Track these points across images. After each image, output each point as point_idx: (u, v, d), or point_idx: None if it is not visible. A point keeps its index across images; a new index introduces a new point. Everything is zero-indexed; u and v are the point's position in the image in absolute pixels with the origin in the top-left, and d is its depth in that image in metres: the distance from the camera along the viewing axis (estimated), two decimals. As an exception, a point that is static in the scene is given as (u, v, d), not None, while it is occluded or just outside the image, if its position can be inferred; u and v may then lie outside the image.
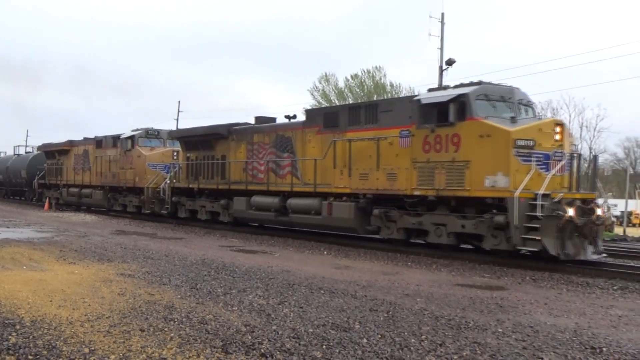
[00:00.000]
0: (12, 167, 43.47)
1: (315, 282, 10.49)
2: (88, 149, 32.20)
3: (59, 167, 35.60)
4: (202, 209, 23.37)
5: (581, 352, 6.34)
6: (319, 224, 18.11)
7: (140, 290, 9.15)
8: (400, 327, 7.21)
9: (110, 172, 29.52)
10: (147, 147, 27.62)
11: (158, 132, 28.59)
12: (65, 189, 34.45)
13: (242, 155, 21.44)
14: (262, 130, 21.08)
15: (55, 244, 15.56)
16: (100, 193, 30.69)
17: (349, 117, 17.09)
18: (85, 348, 5.88)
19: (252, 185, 20.66)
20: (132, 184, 27.70)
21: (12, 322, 6.86)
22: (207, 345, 6.12)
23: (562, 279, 11.75)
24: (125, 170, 28.11)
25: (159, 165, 26.87)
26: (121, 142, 28.58)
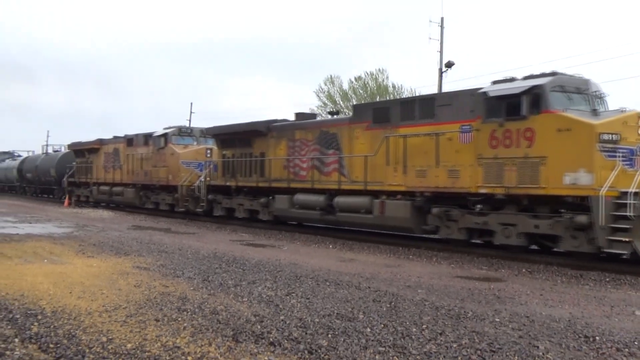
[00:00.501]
0: (41, 165, 42.15)
1: (321, 274, 10.50)
2: (118, 148, 30.83)
3: (89, 166, 34.13)
4: (239, 207, 22.02)
5: (575, 340, 6.33)
6: (369, 223, 16.50)
7: (155, 282, 9.18)
8: (402, 317, 7.21)
9: (142, 170, 28.12)
10: (180, 145, 26.20)
11: (191, 129, 27.46)
12: (96, 187, 33.11)
13: (283, 152, 19.97)
14: (305, 126, 19.66)
15: (74, 239, 15.62)
16: (131, 191, 29.26)
17: (401, 112, 15.68)
18: (103, 337, 5.91)
19: (294, 182, 19.16)
20: (165, 182, 26.28)
21: (34, 313, 6.90)
22: (219, 334, 6.14)
23: (557, 271, 11.70)
24: (158, 168, 26.68)
25: (193, 163, 25.40)
26: (153, 140, 27.18)
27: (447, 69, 33.51)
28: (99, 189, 32.73)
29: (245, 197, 21.85)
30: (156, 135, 27.16)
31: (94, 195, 33.50)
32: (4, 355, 5.25)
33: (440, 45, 34.35)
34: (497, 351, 5.77)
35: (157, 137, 26.98)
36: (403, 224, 15.51)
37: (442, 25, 34.55)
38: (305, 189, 18.72)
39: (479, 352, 5.73)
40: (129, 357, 5.30)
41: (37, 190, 44.92)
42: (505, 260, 13.01)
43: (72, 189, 36.40)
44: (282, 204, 19.44)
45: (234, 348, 5.66)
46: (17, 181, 48.01)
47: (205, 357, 5.35)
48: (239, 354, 5.46)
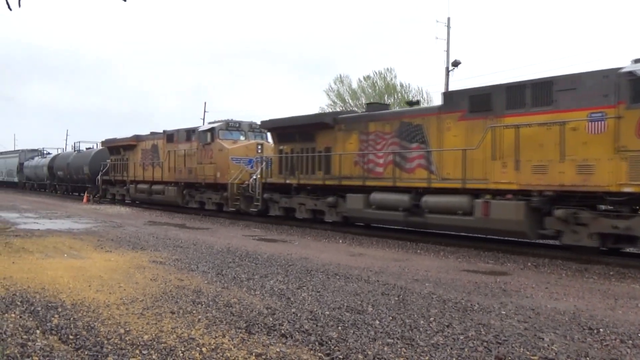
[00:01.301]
0: (73, 163, 39.99)
1: (331, 268, 10.50)
2: (157, 144, 28.60)
3: (125, 163, 31.94)
4: (300, 207, 19.60)
5: (579, 332, 6.29)
6: (469, 226, 14.05)
7: (171, 276, 9.22)
8: (410, 309, 7.20)
9: (185, 167, 25.77)
10: (229, 140, 23.82)
11: (239, 123, 24.75)
12: (133, 185, 30.69)
13: (354, 147, 17.65)
14: (381, 117, 17.13)
15: (93, 234, 15.73)
16: (173, 189, 26.82)
17: (507, 98, 13.25)
18: (121, 329, 5.95)
19: (370, 180, 16.84)
20: (212, 179, 23.86)
21: (55, 305, 6.96)
22: (232, 326, 6.16)
23: (561, 265, 11.64)
24: (204, 165, 24.34)
25: (243, 159, 23.22)
26: (198, 135, 24.86)
27: (454, 67, 33.44)
28: (136, 187, 30.47)
29: (308, 197, 19.40)
30: (202, 130, 24.92)
31: (130, 194, 31.34)
32: (26, 346, 5.31)
33: (447, 45, 34.28)
34: (503, 343, 5.75)
35: (202, 132, 24.69)
36: (514, 228, 12.97)
37: (448, 25, 34.46)
38: (383, 187, 16.37)
39: (485, 343, 5.71)
40: (146, 348, 5.33)
41: (69, 188, 42.78)
42: (511, 255, 12.96)
43: (106, 187, 34.54)
44: (355, 204, 16.99)
45: (247, 339, 5.68)
46: (48, 179, 46.22)
47: (219, 348, 5.37)
48: (251, 345, 5.47)
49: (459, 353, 5.38)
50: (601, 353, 5.53)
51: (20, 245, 12.67)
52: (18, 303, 7.07)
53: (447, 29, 34.41)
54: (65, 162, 41.59)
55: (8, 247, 12.44)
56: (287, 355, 5.22)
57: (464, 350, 5.47)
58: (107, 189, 34.36)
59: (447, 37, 34.33)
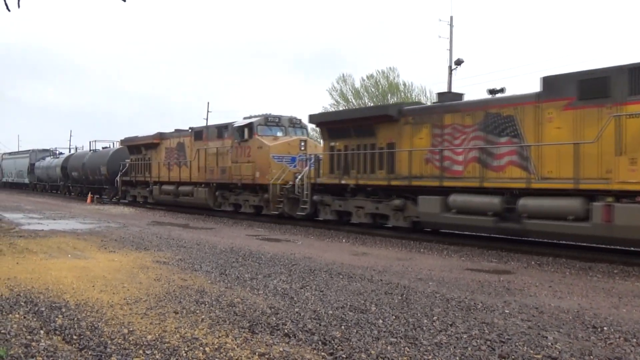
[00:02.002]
0: (89, 163, 37.61)
1: (335, 267, 10.50)
2: (184, 142, 26.68)
3: (146, 163, 29.96)
4: (358, 211, 17.48)
5: (583, 331, 6.28)
6: (584, 234, 11.94)
7: (174, 276, 9.23)
8: (413, 308, 7.19)
9: (217, 166, 23.72)
10: (269, 136, 21.73)
11: (279, 118, 22.60)
12: (157, 186, 28.67)
13: (424, 142, 15.58)
14: (461, 108, 14.98)
15: (96, 234, 15.76)
16: (204, 191, 24.61)
17: (632, 82, 11.30)
18: (125, 329, 5.95)
19: (448, 180, 14.73)
20: (250, 180, 21.78)
21: (59, 305, 6.97)
22: (236, 326, 6.16)
23: (565, 263, 11.61)
24: (240, 165, 22.23)
25: (285, 157, 21.02)
26: (233, 132, 22.77)
27: (457, 66, 33.41)
28: (160, 188, 28.39)
29: (367, 199, 17.25)
30: (237, 125, 22.67)
31: (154, 196, 29.26)
32: (30, 346, 5.32)
33: (450, 44, 34.23)
34: (507, 342, 5.74)
35: (238, 128, 22.49)
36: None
37: (451, 23, 34.40)
38: (465, 188, 14.21)
39: (488, 342, 5.70)
40: (149, 348, 5.33)
41: (84, 189, 39.99)
42: (515, 253, 12.94)
43: (126, 189, 32.60)
44: (430, 207, 14.80)
45: (250, 339, 5.68)
46: (61, 180, 44.12)
47: (223, 347, 5.38)
48: (255, 345, 5.47)
49: (462, 352, 5.37)
50: (605, 352, 5.51)
51: (24, 246, 12.70)
52: (22, 303, 7.08)
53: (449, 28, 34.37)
54: (80, 163, 39.42)
55: (12, 247, 12.47)
56: (291, 354, 5.22)
57: (467, 349, 5.46)
58: (127, 190, 32.55)
59: (449, 35, 34.29)
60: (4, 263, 10.26)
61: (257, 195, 21.95)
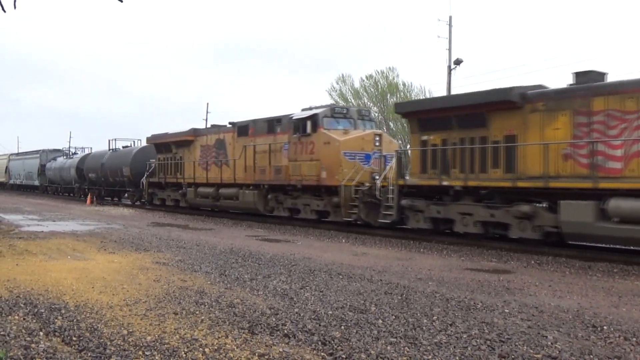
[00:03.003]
0: (108, 163, 34.43)
1: (334, 268, 10.50)
2: (224, 138, 23.86)
3: (178, 162, 27.30)
4: (464, 219, 14.40)
5: (583, 330, 6.28)
6: None
7: (174, 277, 9.22)
8: (413, 308, 7.19)
9: (270, 165, 20.70)
10: (338, 130, 18.63)
11: (347, 109, 19.85)
12: (192, 188, 25.85)
13: (562, 134, 12.77)
14: (619, 89, 12.04)
15: (96, 236, 15.75)
16: (252, 194, 21.59)
17: None
18: (124, 330, 5.95)
19: (604, 181, 11.79)
20: (314, 180, 18.67)
21: (58, 307, 6.97)
22: (235, 326, 6.16)
23: (565, 262, 11.62)
24: (300, 163, 19.21)
25: (359, 154, 17.98)
26: (292, 125, 19.64)
27: (456, 66, 33.43)
28: (196, 191, 25.58)
29: (478, 204, 14.25)
30: (297, 118, 19.55)
31: (187, 199, 26.47)
32: (29, 348, 5.31)
33: (449, 43, 34.24)
34: (507, 341, 5.74)
35: (298, 121, 19.42)
36: None
37: (450, 23, 34.42)
38: (633, 190, 11.29)
39: (488, 342, 5.69)
40: (149, 349, 5.33)
41: (103, 192, 37.14)
42: (515, 253, 12.94)
43: (153, 191, 29.74)
44: (579, 215, 11.82)
45: (250, 340, 5.67)
46: (76, 182, 40.68)
47: (222, 348, 5.37)
48: (254, 346, 5.47)
49: (462, 352, 5.37)
50: (605, 351, 5.51)
51: (23, 247, 12.70)
52: (22, 305, 7.07)
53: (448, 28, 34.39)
54: (98, 163, 36.03)
55: (12, 249, 12.47)
56: (290, 355, 5.22)
57: (467, 349, 5.46)
58: (153, 192, 29.71)
59: (449, 35, 34.31)
60: (3, 264, 10.26)
61: (322, 199, 18.77)
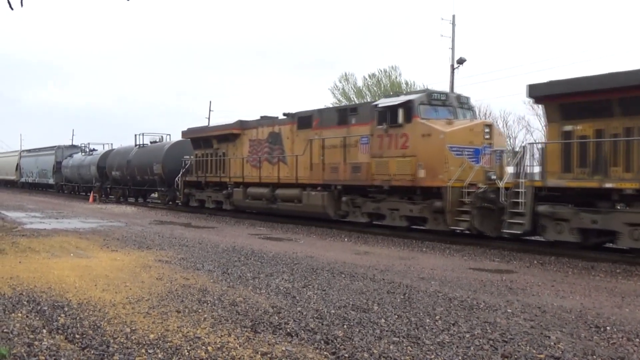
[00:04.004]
0: (136, 160, 31.31)
1: (337, 266, 10.50)
2: (280, 131, 20.74)
3: (220, 159, 24.13)
4: (635, 231, 11.25)
5: (586, 330, 6.27)
6: None
7: (177, 275, 9.23)
8: (415, 308, 7.19)
9: (345, 162, 17.54)
10: (439, 120, 15.53)
11: (445, 95, 16.51)
12: (239, 188, 22.60)
13: None
14: None
15: (99, 233, 15.77)
16: (320, 196, 18.37)
17: None
18: (127, 328, 5.96)
19: None
20: (407, 180, 15.56)
21: (61, 305, 6.98)
22: (238, 325, 6.17)
23: (568, 262, 11.59)
24: (387, 160, 16.11)
25: (467, 149, 14.89)
26: (379, 114, 16.48)
27: (459, 65, 33.38)
28: (245, 191, 22.31)
29: None
30: (384, 105, 16.49)
31: (233, 201, 23.22)
32: (32, 346, 5.32)
33: (452, 42, 34.16)
34: (509, 341, 5.73)
35: (385, 110, 16.33)
36: None
37: (453, 22, 34.35)
38: None
39: (491, 342, 5.69)
40: (152, 347, 5.34)
41: (129, 192, 34.09)
42: (517, 253, 12.92)
43: (190, 191, 26.52)
44: None
45: (252, 338, 5.68)
46: (97, 181, 37.30)
47: (225, 347, 5.38)
48: (257, 344, 5.47)
49: (464, 351, 5.36)
50: (608, 351, 5.50)
51: (26, 245, 12.72)
52: (25, 302, 7.09)
53: (452, 27, 34.32)
54: (123, 160, 32.86)
55: (15, 246, 12.49)
56: (293, 354, 5.22)
57: (470, 349, 5.45)
58: (190, 193, 26.53)
59: (452, 34, 34.23)
60: (6, 262, 10.28)
61: (416, 203, 15.73)
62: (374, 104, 17.05)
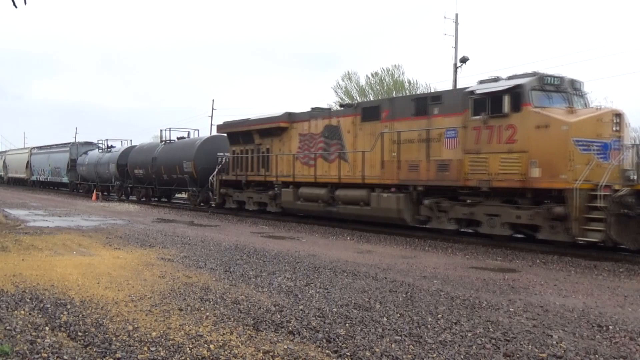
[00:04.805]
0: (163, 157, 28.74)
1: (339, 265, 10.50)
2: (338, 124, 18.37)
3: (263, 156, 21.80)
4: None
5: (589, 329, 6.26)
6: None
7: (179, 273, 9.24)
8: (418, 306, 7.19)
9: (427, 160, 15.17)
10: (557, 109, 12.97)
11: (560, 80, 13.60)
12: (290, 189, 20.06)
13: None
14: None
15: (102, 231, 15.79)
16: (395, 198, 15.96)
17: None
18: (129, 326, 5.97)
19: None
20: (517, 181, 12.96)
21: (64, 302, 7.00)
22: (240, 323, 6.17)
23: (570, 262, 11.57)
24: (488, 156, 13.58)
25: (595, 143, 12.33)
26: (475, 103, 13.93)
27: (462, 64, 33.30)
28: (296, 192, 19.79)
29: None
30: (483, 92, 13.84)
31: (282, 202, 20.58)
32: (35, 343, 5.34)
33: (455, 41, 34.08)
34: (512, 340, 5.73)
35: (486, 96, 13.75)
36: None
37: (456, 21, 34.28)
38: None
39: (493, 341, 5.69)
40: (154, 344, 5.35)
41: (152, 192, 31.28)
42: (520, 252, 12.90)
43: (226, 191, 23.90)
44: None
45: (254, 336, 5.68)
46: (117, 180, 34.78)
47: (227, 345, 5.38)
48: (259, 343, 5.48)
49: (467, 350, 5.36)
50: (610, 350, 5.49)
51: (29, 243, 12.75)
52: (27, 300, 7.11)
53: (455, 25, 34.26)
54: (148, 157, 30.18)
55: (18, 244, 12.52)
56: (295, 352, 5.22)
57: (472, 348, 5.45)
58: (227, 193, 23.97)
59: (455, 33, 34.14)
60: (9, 260, 10.31)
61: (524, 208, 13.25)
62: (468, 90, 14.34)
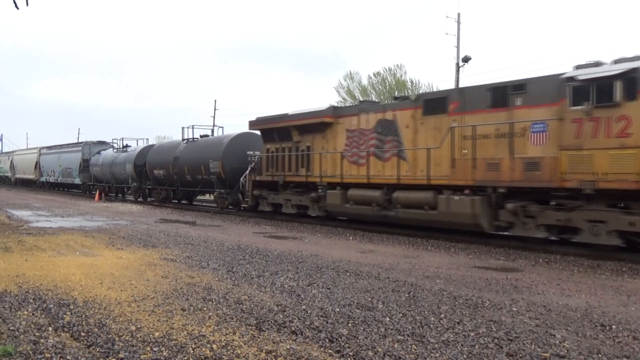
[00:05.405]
0: (186, 157, 26.94)
1: (342, 265, 10.50)
2: (394, 118, 16.48)
3: (303, 154, 19.83)
4: None
5: (592, 329, 6.25)
6: None
7: (182, 273, 9.25)
8: (420, 306, 7.18)
9: (510, 157, 13.24)
10: None
11: None
12: (336, 190, 18.08)
13: None
14: None
15: (104, 232, 15.82)
16: (470, 202, 14.04)
17: None
18: (132, 326, 5.98)
19: None
20: (630, 182, 11.22)
21: (67, 303, 7.01)
22: (243, 323, 6.17)
23: (573, 261, 11.56)
24: (592, 153, 11.81)
25: None
26: (575, 91, 12.08)
27: (464, 63, 33.31)
28: (344, 194, 17.78)
29: None
30: (586, 77, 11.95)
31: (328, 205, 18.60)
32: (38, 343, 5.34)
33: (457, 41, 34.14)
34: (514, 340, 5.72)
35: (590, 83, 11.84)
36: None
37: (458, 20, 34.31)
38: None
39: (496, 340, 5.68)
40: (157, 345, 5.35)
41: (174, 194, 29.65)
42: (523, 251, 12.89)
43: (260, 193, 21.83)
44: None
45: (257, 336, 5.69)
46: (134, 181, 32.89)
47: (230, 345, 5.39)
48: (262, 343, 5.48)
49: (469, 350, 5.36)
50: (613, 350, 5.48)
51: (32, 243, 12.78)
52: (30, 300, 7.12)
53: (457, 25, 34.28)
54: (169, 157, 28.39)
55: (21, 244, 12.55)
56: (298, 352, 5.22)
57: (474, 347, 5.44)
58: (260, 195, 21.84)
59: (457, 32, 34.21)
60: (12, 260, 10.33)
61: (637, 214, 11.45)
62: (565, 77, 12.40)
